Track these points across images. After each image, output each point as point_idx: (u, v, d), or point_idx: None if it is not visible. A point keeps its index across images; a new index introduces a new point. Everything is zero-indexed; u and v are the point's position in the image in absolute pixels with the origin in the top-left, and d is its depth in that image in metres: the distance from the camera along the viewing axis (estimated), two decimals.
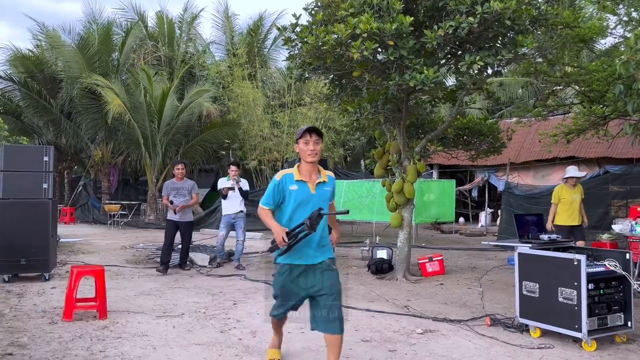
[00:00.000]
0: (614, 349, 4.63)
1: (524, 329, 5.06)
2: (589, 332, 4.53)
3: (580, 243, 7.30)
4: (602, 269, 4.78)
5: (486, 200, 17.56)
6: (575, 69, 9.27)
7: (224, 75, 20.02)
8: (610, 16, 9.65)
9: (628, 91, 5.78)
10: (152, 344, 4.58)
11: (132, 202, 19.33)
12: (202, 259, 9.15)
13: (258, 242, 12.98)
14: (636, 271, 6.66)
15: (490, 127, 9.59)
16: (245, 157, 19.02)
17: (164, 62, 20.51)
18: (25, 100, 19.56)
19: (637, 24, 8.88)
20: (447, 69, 7.47)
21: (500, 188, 16.63)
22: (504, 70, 9.53)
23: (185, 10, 21.87)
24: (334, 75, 7.84)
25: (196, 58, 21.25)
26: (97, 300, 5.52)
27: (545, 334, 4.91)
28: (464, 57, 6.31)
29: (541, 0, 6.97)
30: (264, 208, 3.68)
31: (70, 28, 20.16)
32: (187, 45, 22.16)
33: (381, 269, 8.30)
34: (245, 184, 9.01)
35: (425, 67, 6.20)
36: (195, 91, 17.98)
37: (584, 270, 4.51)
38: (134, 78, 18.17)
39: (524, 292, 5.01)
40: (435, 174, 19.40)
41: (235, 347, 4.54)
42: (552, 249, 5.18)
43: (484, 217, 17.41)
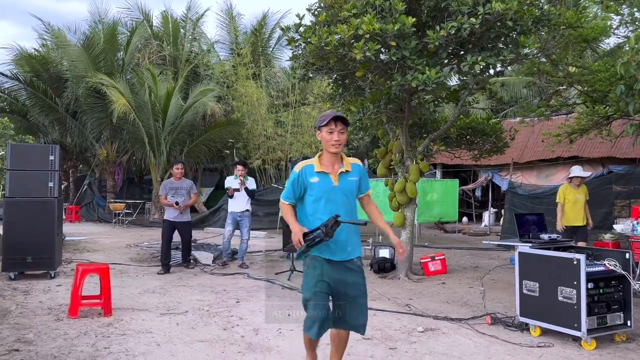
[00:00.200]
0: (614, 347, 4.66)
1: (524, 328, 5.10)
2: (589, 331, 4.56)
3: (581, 244, 7.31)
4: (601, 268, 4.82)
5: (489, 200, 17.57)
6: (579, 69, 9.29)
7: (228, 75, 20.09)
8: (614, 16, 9.66)
9: (629, 92, 5.81)
10: (156, 341, 4.65)
11: (136, 201, 19.43)
12: (206, 257, 9.22)
13: (262, 241, 13.04)
14: (638, 271, 6.69)
15: (493, 127, 9.62)
16: (249, 156, 19.09)
17: (169, 61, 20.62)
18: (31, 100, 19.70)
19: (639, 24, 8.88)
20: (449, 69, 7.51)
21: (504, 188, 16.62)
22: (507, 70, 9.53)
23: (189, 9, 21.98)
24: (337, 75, 7.89)
25: (200, 57, 21.34)
26: (102, 297, 5.59)
27: (545, 332, 4.95)
28: (466, 57, 6.35)
29: (544, 0, 7.00)
30: (284, 203, 3.47)
31: (76, 28, 20.35)
32: (192, 44, 22.25)
33: (383, 268, 8.35)
34: (252, 183, 9.05)
35: (427, 68, 6.25)
36: (200, 90, 18.07)
37: (583, 270, 4.55)
38: (138, 77, 18.28)
39: (524, 291, 5.05)
40: (438, 174, 19.42)
41: (237, 344, 4.60)
42: (552, 249, 5.22)
43: (488, 216, 17.42)
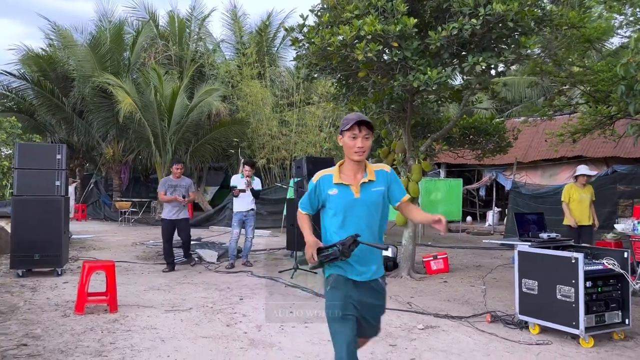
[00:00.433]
0: (611, 345, 4.72)
1: (523, 326, 5.16)
2: (587, 329, 4.62)
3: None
4: (600, 267, 4.87)
5: (494, 199, 17.58)
6: (581, 69, 9.32)
7: (233, 75, 20.19)
8: (617, 16, 9.68)
9: (630, 92, 5.84)
10: (161, 337, 4.74)
11: (142, 200, 19.56)
12: (211, 255, 9.32)
13: (266, 240, 13.13)
14: (638, 270, 6.73)
15: (496, 127, 9.66)
16: (254, 155, 19.18)
17: (174, 61, 20.74)
18: (38, 99, 19.86)
19: None
20: (451, 69, 7.57)
21: (508, 187, 16.64)
22: (510, 70, 9.58)
23: (194, 8, 22.08)
24: (340, 75, 7.95)
25: (206, 57, 21.45)
26: (108, 294, 5.69)
27: (544, 330, 5.00)
28: (467, 58, 6.41)
29: (547, 1, 7.04)
30: (301, 212, 3.14)
31: (82, 28, 20.49)
32: (197, 44, 22.37)
33: (386, 266, 8.37)
34: (257, 183, 9.09)
35: (428, 68, 6.30)
36: (205, 90, 18.17)
37: (581, 269, 4.60)
38: (144, 77, 18.41)
39: (524, 290, 5.11)
40: (442, 173, 19.46)
41: (240, 340, 4.69)
42: (551, 248, 5.27)
43: (491, 216, 17.45)
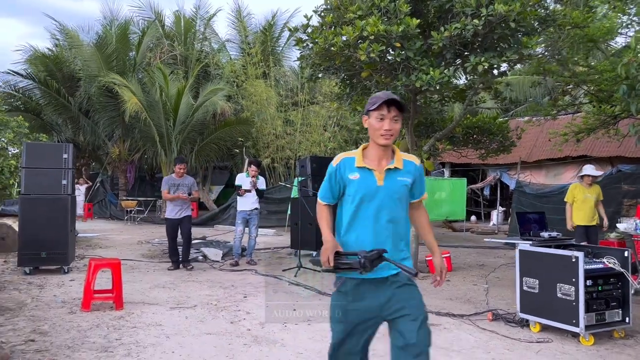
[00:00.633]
0: (611, 343, 4.76)
1: (524, 324, 5.20)
2: (587, 327, 4.66)
3: None
4: (600, 266, 4.90)
5: (498, 199, 17.59)
6: (585, 69, 9.34)
7: (238, 74, 20.28)
8: (622, 16, 9.68)
9: (632, 92, 5.86)
10: (166, 333, 4.82)
11: (148, 199, 19.69)
12: (215, 254, 9.40)
13: (270, 238, 13.21)
14: None
15: (500, 126, 9.72)
16: (259, 154, 19.26)
17: (180, 60, 20.84)
18: (45, 98, 20.02)
19: None
20: (454, 69, 7.62)
21: (513, 187, 16.66)
22: (513, 70, 9.60)
23: (199, 8, 22.18)
24: (344, 75, 8.02)
25: (211, 57, 21.55)
26: (114, 291, 5.77)
27: (545, 328, 5.05)
28: (469, 58, 6.45)
29: (550, 0, 7.08)
30: (320, 203, 2.79)
31: (89, 27, 20.65)
32: (203, 44, 22.46)
33: None
34: (262, 183, 9.13)
35: (431, 68, 6.35)
36: (210, 90, 18.26)
37: (581, 267, 4.64)
38: (150, 77, 18.51)
39: (525, 288, 5.15)
40: (446, 173, 19.47)
41: (244, 337, 4.75)
42: (552, 246, 5.31)
43: (496, 215, 17.45)
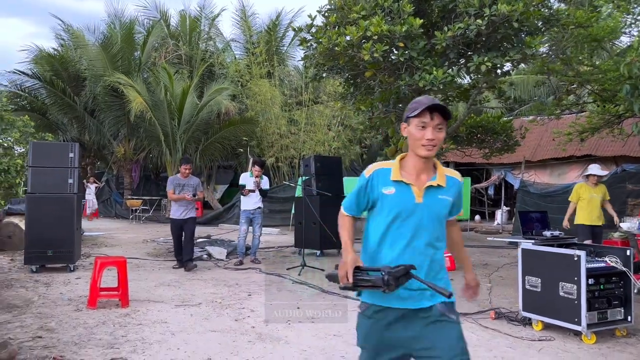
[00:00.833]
0: (613, 342, 4.78)
1: (527, 322, 5.22)
2: (589, 326, 4.68)
3: None
4: (602, 264, 4.92)
5: (502, 198, 17.59)
6: (589, 68, 9.34)
7: (242, 74, 20.35)
8: (627, 15, 9.68)
9: (635, 91, 5.88)
10: (171, 330, 4.87)
11: (153, 198, 19.80)
12: (220, 252, 9.47)
13: (274, 237, 13.27)
14: None
15: (504, 126, 9.74)
16: (263, 154, 19.33)
17: (185, 60, 20.93)
18: (51, 98, 20.16)
19: None
20: (457, 69, 7.64)
21: (517, 186, 16.65)
22: (517, 69, 9.62)
23: (203, 7, 22.26)
24: (348, 75, 8.06)
25: (216, 56, 21.63)
26: (120, 289, 5.84)
27: (547, 327, 5.07)
28: (472, 58, 6.48)
29: (553, 0, 7.10)
30: (343, 214, 2.48)
31: (94, 27, 20.72)
32: (207, 43, 22.54)
33: None
34: (265, 182, 9.14)
35: (434, 68, 6.38)
36: (215, 89, 18.35)
37: (583, 266, 4.67)
38: (155, 76, 18.62)
39: (527, 287, 5.18)
40: None
41: (248, 334, 4.80)
42: (555, 245, 5.33)
43: (500, 214, 17.45)
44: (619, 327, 4.92)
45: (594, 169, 7.95)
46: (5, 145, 14.58)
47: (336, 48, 6.51)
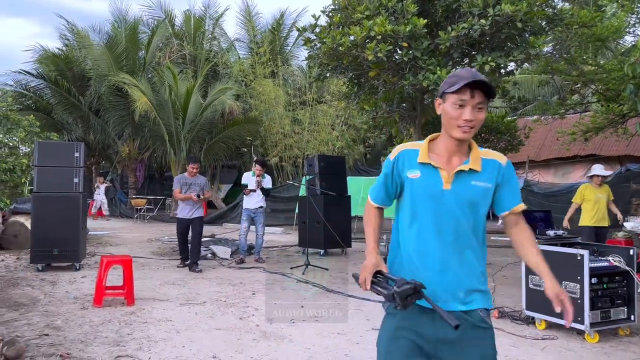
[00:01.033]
0: (616, 341, 4.79)
1: (530, 321, 5.24)
2: (592, 325, 4.70)
3: None
4: (605, 264, 4.94)
5: None
6: (593, 68, 9.34)
7: (246, 73, 20.40)
8: (631, 15, 9.68)
9: (638, 91, 5.89)
10: (176, 328, 4.91)
11: (157, 197, 19.87)
12: (224, 251, 9.51)
13: (278, 237, 13.30)
14: None
15: (508, 125, 9.74)
16: (267, 153, 19.38)
17: (189, 60, 20.99)
18: (56, 98, 20.25)
19: None
20: (461, 69, 7.66)
21: (521, 185, 16.62)
22: (521, 69, 9.62)
23: (208, 7, 22.32)
24: (352, 75, 8.08)
25: (220, 56, 21.68)
26: (125, 288, 5.88)
27: (550, 326, 5.09)
28: (476, 57, 6.49)
29: (557, 0, 7.10)
30: (369, 204, 2.23)
31: (99, 27, 20.82)
32: (211, 43, 22.60)
33: None
34: (268, 182, 9.14)
35: (438, 68, 6.40)
36: (219, 89, 18.40)
37: (586, 265, 4.68)
38: (159, 76, 18.69)
39: (530, 286, 5.19)
40: None
41: (253, 332, 4.84)
42: (558, 245, 5.35)
43: None
44: (622, 326, 4.93)
45: (598, 169, 7.89)
46: (11, 144, 14.65)
47: (340, 48, 6.54)
